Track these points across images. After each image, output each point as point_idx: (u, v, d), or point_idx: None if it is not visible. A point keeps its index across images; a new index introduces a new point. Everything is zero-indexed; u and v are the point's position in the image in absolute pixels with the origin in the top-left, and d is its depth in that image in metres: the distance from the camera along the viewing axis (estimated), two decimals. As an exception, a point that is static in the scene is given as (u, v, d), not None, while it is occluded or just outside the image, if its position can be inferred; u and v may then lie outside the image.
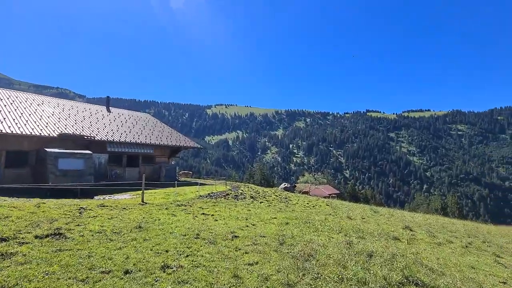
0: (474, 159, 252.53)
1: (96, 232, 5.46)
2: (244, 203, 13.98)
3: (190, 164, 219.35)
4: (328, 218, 11.20)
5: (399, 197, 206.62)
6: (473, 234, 13.31)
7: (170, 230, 6.11)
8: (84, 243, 4.74)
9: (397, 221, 14.22)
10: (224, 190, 18.89)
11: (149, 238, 5.35)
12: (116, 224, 6.22)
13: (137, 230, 5.88)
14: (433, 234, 11.05)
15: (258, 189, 21.58)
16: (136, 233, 5.66)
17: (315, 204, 17.47)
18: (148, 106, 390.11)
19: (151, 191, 16.89)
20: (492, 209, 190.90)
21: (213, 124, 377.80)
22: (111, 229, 5.74)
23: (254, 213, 10.63)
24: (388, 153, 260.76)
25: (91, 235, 5.18)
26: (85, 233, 5.32)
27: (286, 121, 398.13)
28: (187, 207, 10.44)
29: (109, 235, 5.30)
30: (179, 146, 24.17)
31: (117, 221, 6.58)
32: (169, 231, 6.02)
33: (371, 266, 4.85)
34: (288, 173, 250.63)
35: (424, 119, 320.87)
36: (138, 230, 5.84)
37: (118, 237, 5.25)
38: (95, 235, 5.22)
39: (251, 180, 75.02)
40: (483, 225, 20.34)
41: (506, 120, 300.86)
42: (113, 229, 5.80)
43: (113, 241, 4.95)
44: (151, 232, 5.80)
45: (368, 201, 79.53)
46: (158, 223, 6.76)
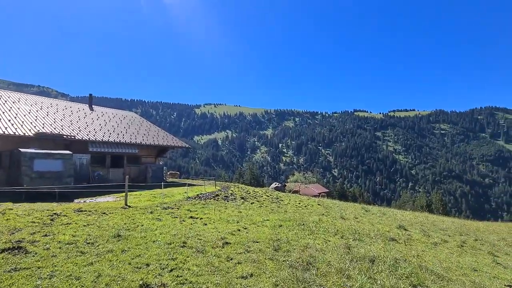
0: (456, 157, 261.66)
1: (66, 243, 4.78)
2: (234, 204, 13.44)
3: (179, 164, 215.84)
4: (322, 219, 10.84)
5: (386, 194, 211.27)
6: (464, 232, 13.33)
7: (154, 238, 5.50)
8: (48, 258, 4.06)
9: (390, 220, 14.07)
10: (213, 191, 18.27)
11: (128, 249, 4.72)
12: (92, 233, 5.55)
13: (115, 239, 5.23)
14: (427, 233, 10.90)
15: (248, 189, 21.07)
16: (114, 243, 5.02)
17: (307, 204, 17.14)
18: (134, 106, 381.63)
19: (137, 193, 16.05)
20: (473, 205, 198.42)
21: (202, 124, 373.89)
22: (85, 239, 5.07)
23: (245, 215, 10.11)
24: (375, 152, 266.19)
25: (58, 248, 4.50)
26: (52, 245, 4.63)
27: (275, 121, 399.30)
28: (174, 210, 9.80)
29: (81, 247, 4.64)
30: (166, 145, 23.29)
31: (93, 229, 5.91)
32: (152, 239, 5.40)
33: (375, 274, 4.44)
34: (277, 172, 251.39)
35: (409, 119, 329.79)
36: (117, 240, 5.20)
37: (91, 249, 4.60)
38: (63, 248, 4.55)
39: (240, 180, 74.39)
40: (471, 222, 20.63)
41: (486, 120, 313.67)
42: (87, 238, 5.13)
43: (85, 255, 4.30)
44: (131, 241, 5.17)
45: (356, 199, 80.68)
46: (140, 230, 6.12)
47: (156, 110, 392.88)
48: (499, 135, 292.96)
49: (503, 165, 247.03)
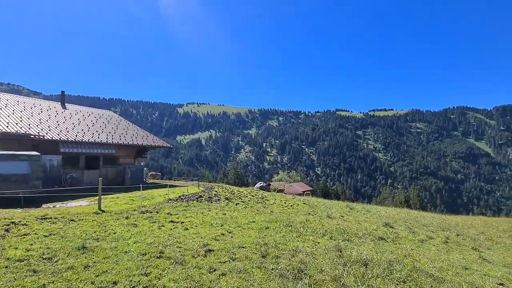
0: (431, 155, 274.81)
1: (16, 260, 4.05)
2: (218, 205, 12.88)
3: (161, 165, 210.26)
4: (309, 219, 10.56)
5: (367, 191, 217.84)
6: (445, 227, 13.59)
7: (126, 248, 4.87)
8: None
9: (375, 218, 14.09)
10: (196, 192, 17.57)
11: (94, 264, 4.07)
12: (52, 245, 4.83)
13: (79, 252, 4.55)
14: (413, 230, 10.93)
15: (233, 189, 20.53)
16: (77, 257, 4.35)
17: (293, 203, 16.89)
18: (113, 105, 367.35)
19: (114, 196, 15.05)
20: (447, 200, 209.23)
21: (184, 123, 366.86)
22: (41, 254, 4.36)
23: (230, 217, 9.61)
24: (356, 150, 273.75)
25: (4, 268, 3.77)
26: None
27: (259, 120, 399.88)
28: (153, 214, 9.10)
29: (35, 264, 3.94)
30: (146, 145, 22.20)
31: (54, 240, 5.17)
32: (124, 250, 4.77)
33: (371, 279, 4.12)
34: (262, 171, 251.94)
35: (388, 118, 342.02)
36: (81, 252, 4.52)
37: (47, 266, 3.92)
38: (11, 266, 3.82)
39: (225, 179, 73.39)
40: (449, 217, 21.34)
41: (458, 119, 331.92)
42: (45, 253, 4.42)
43: (37, 274, 3.61)
44: (98, 254, 4.51)
45: (339, 197, 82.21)
46: (112, 239, 5.45)
47: (136, 109, 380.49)
48: (469, 133, 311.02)
49: (473, 161, 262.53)
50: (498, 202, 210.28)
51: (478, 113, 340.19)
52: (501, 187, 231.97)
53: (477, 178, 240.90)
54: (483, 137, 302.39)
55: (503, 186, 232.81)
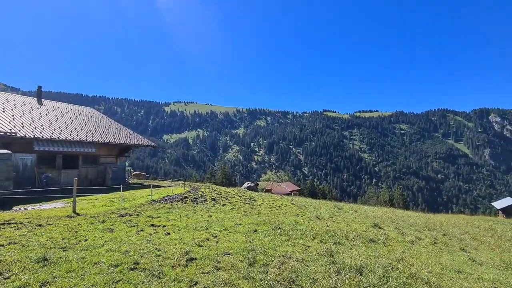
0: (413, 155, 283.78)
1: (-43, 277, 3.44)
2: (204, 207, 12.35)
3: (147, 165, 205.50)
4: (298, 220, 10.25)
5: (352, 191, 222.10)
6: (431, 227, 13.70)
7: (96, 259, 4.31)
8: None
9: (363, 218, 14.02)
10: (181, 193, 16.93)
11: (53, 280, 3.49)
12: (8, 256, 4.20)
13: (39, 264, 3.96)
14: (401, 230, 10.86)
15: (220, 190, 20.00)
16: (34, 271, 3.75)
17: (281, 204, 16.59)
18: (97, 102, 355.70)
19: (92, 197, 14.19)
20: (428, 199, 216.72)
21: (171, 122, 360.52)
22: (-9, 268, 3.75)
23: (216, 219, 9.14)
24: (342, 150, 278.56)
25: None
26: None
27: (247, 120, 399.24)
28: (133, 217, 8.49)
29: (-21, 282, 3.35)
30: (128, 144, 21.23)
31: (13, 250, 4.54)
32: (94, 261, 4.22)
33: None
34: (249, 171, 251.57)
35: (373, 119, 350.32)
36: (40, 265, 3.93)
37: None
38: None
39: (212, 179, 72.37)
40: (433, 216, 21.74)
41: (438, 121, 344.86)
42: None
43: (-21, 295, 3.06)
44: (61, 267, 3.94)
45: (326, 196, 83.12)
46: (81, 248, 4.87)
47: (121, 107, 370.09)
48: (449, 135, 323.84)
49: (452, 162, 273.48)
50: (475, 201, 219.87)
51: (458, 116, 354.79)
52: (477, 186, 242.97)
53: (456, 178, 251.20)
54: (462, 139, 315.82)
55: (480, 185, 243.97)
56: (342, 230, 9.00)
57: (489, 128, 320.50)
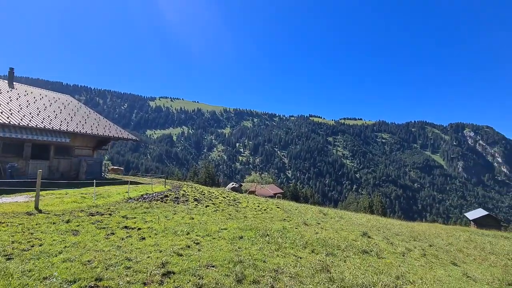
0: (393, 164, 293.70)
1: None
2: (186, 208, 11.51)
3: (128, 160, 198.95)
4: (286, 226, 9.68)
5: (333, 196, 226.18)
6: (416, 237, 13.59)
7: (46, 273, 3.45)
8: None
9: (349, 225, 13.70)
10: (162, 191, 15.93)
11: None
12: None
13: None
14: (390, 240, 10.57)
15: (203, 190, 19.11)
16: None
17: (266, 207, 16.00)
18: (77, 92, 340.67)
19: (62, 191, 12.95)
20: (404, 207, 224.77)
21: (156, 118, 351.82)
22: None
23: (198, 222, 8.37)
24: (326, 156, 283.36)
25: None
26: None
27: (234, 120, 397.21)
28: (104, 217, 7.55)
29: None
30: (107, 136, 19.85)
31: None
32: (43, 275, 3.37)
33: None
34: (233, 171, 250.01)
35: (357, 127, 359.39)
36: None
37: None
38: None
39: (195, 178, 70.78)
40: (414, 224, 22.00)
41: (418, 132, 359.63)
42: None
43: None
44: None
45: (308, 200, 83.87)
46: (31, 256, 3.98)
47: (103, 99, 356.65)
48: (427, 146, 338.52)
49: (428, 172, 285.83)
50: (447, 211, 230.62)
51: (435, 128, 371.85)
52: (450, 196, 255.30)
53: (431, 187, 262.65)
54: (438, 151, 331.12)
55: (452, 196, 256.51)
56: (332, 238, 8.53)
57: (463, 142, 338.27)
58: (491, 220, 50.71)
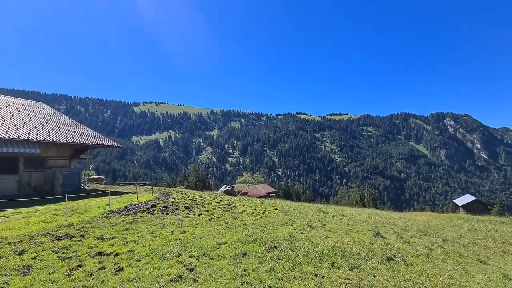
0: (379, 156, 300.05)
1: None
2: (176, 218, 10.15)
3: (114, 168, 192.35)
4: (292, 232, 8.54)
5: (324, 191, 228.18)
6: (425, 231, 12.82)
7: None
8: None
9: (355, 224, 12.74)
10: (149, 200, 14.42)
11: None
12: None
13: None
14: (404, 239, 9.65)
15: (194, 195, 17.70)
16: None
17: (264, 210, 14.82)
18: (57, 101, 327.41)
19: (31, 209, 11.27)
20: (392, 197, 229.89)
21: (141, 123, 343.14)
22: None
23: (191, 237, 7.08)
24: (314, 152, 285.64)
25: None
26: None
27: (221, 121, 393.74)
28: (74, 241, 6.13)
29: None
30: (84, 144, 18.03)
31: None
32: None
33: None
34: (224, 173, 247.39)
35: (343, 122, 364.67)
36: None
37: None
38: None
39: (185, 182, 68.55)
40: (413, 216, 21.49)
41: (401, 124, 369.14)
42: None
43: None
44: None
45: (300, 197, 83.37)
46: None
47: (85, 107, 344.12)
48: (410, 137, 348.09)
49: (413, 162, 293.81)
50: (433, 198, 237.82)
51: (417, 119, 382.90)
52: (435, 184, 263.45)
53: (417, 176, 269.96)
54: (422, 140, 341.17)
55: (437, 183, 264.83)
56: (347, 244, 7.46)
57: (444, 130, 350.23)
58: (479, 204, 51.76)
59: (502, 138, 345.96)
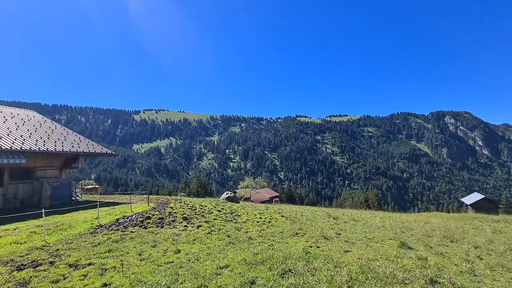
0: (381, 156, 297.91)
1: None
2: (171, 232, 8.91)
3: (115, 176, 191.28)
4: (306, 247, 7.30)
5: (327, 193, 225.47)
6: (451, 237, 11.50)
7: None
8: None
9: (371, 231, 11.47)
10: (144, 211, 13.19)
11: None
12: None
13: None
14: (434, 249, 8.37)
15: (194, 204, 16.45)
16: None
17: (270, 218, 13.57)
18: (58, 112, 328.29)
19: (11, 226, 10.06)
20: (396, 197, 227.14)
21: (142, 131, 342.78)
22: None
23: (186, 258, 5.86)
24: (316, 154, 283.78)
25: None
26: None
27: (221, 127, 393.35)
28: (39, 271, 4.91)
29: None
30: (75, 152, 16.86)
31: None
32: None
33: None
34: (225, 178, 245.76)
35: (343, 123, 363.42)
36: None
37: None
38: None
39: (186, 189, 67.16)
40: (425, 218, 20.12)
41: (402, 123, 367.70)
42: None
43: None
44: None
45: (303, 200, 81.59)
46: None
47: (85, 117, 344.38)
48: (411, 136, 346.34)
49: (416, 161, 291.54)
50: (437, 197, 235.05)
51: (418, 118, 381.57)
52: (438, 183, 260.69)
53: (419, 176, 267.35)
54: (423, 139, 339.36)
55: (440, 182, 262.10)
56: (373, 259, 6.22)
57: (445, 129, 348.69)
58: (488, 203, 50.12)
59: (504, 134, 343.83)
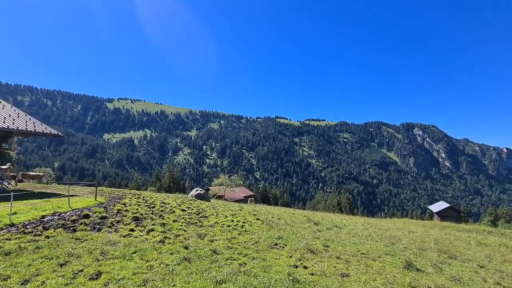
0: (354, 162, 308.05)
1: None
2: (105, 240, 6.48)
3: (82, 166, 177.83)
4: (290, 269, 5.29)
5: (301, 195, 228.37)
6: (444, 250, 10.21)
7: None
8: None
9: (362, 243, 9.82)
10: (86, 207, 10.47)
11: None
12: None
13: None
14: (451, 274, 6.80)
15: (154, 200, 13.88)
16: None
17: (244, 221, 11.49)
18: (20, 92, 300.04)
19: None
20: (365, 202, 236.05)
21: (114, 120, 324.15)
22: None
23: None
24: (292, 156, 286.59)
25: None
26: None
27: (200, 122, 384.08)
28: None
29: None
30: (6, 129, 13.45)
31: None
32: None
33: None
34: (201, 175, 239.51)
35: (320, 127, 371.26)
36: None
37: None
38: None
39: (157, 183, 62.93)
40: (410, 226, 19.26)
41: (375, 132, 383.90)
42: None
43: None
44: None
45: (277, 201, 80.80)
46: None
47: (52, 101, 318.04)
48: (383, 145, 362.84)
49: (385, 168, 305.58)
50: (402, 203, 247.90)
51: (390, 128, 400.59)
52: (404, 190, 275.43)
53: (388, 182, 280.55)
54: (393, 148, 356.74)
55: (406, 189, 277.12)
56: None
57: (413, 140, 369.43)
58: (453, 211, 52.16)
59: (464, 148, 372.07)
